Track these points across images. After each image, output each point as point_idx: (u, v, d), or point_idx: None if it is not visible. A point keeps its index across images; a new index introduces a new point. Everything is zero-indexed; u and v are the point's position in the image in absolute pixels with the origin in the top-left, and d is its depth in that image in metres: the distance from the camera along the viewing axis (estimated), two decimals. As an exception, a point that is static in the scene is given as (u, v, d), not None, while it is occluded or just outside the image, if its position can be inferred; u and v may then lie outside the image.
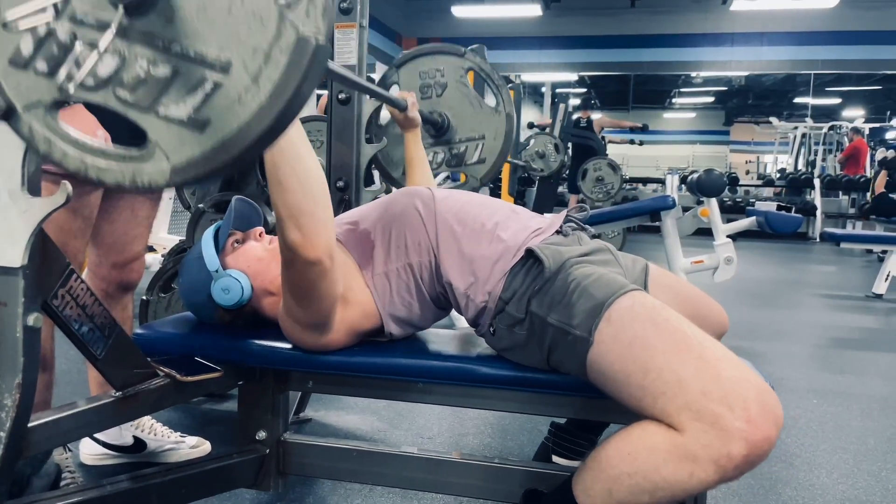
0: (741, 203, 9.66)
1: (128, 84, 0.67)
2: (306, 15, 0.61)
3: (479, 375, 1.21)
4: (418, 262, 1.24)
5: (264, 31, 0.62)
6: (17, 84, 0.71)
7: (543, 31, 11.58)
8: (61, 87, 0.69)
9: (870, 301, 4.84)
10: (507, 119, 2.03)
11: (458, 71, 2.04)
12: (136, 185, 0.68)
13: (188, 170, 0.66)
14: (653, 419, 0.97)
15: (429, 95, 2.05)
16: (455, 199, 1.30)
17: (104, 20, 0.67)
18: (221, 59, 0.64)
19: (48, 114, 0.71)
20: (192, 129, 0.66)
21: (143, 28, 0.66)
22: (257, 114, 0.63)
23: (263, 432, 1.36)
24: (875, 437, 2.17)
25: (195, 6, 0.64)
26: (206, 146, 0.65)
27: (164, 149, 0.67)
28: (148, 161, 0.68)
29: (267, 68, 0.63)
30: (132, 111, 0.68)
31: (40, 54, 0.70)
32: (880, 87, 15.74)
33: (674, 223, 3.80)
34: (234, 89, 0.64)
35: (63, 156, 0.71)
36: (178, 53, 0.65)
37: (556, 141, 6.32)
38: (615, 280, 1.10)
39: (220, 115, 0.65)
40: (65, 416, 1.04)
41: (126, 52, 0.67)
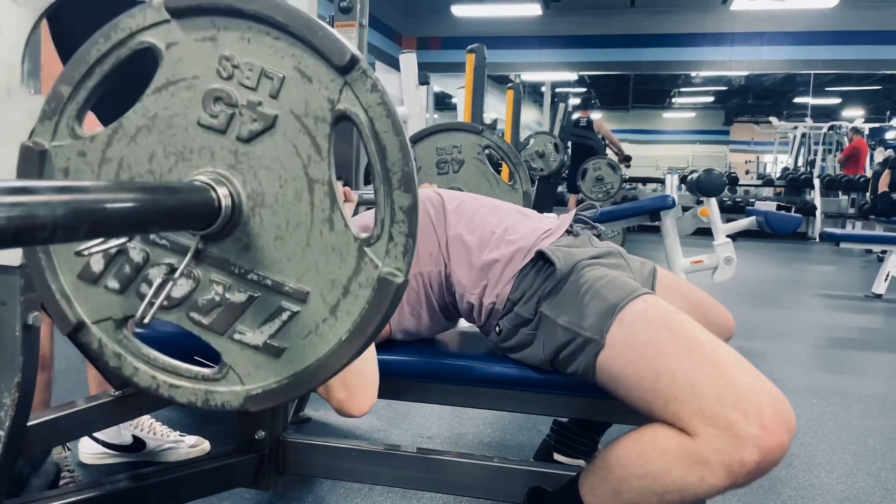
0: (741, 203, 9.66)
1: (202, 307, 0.67)
2: (386, 253, 0.62)
3: (478, 375, 1.21)
4: (428, 272, 1.24)
5: (343, 265, 0.63)
6: (87, 299, 0.71)
7: (543, 30, 11.59)
8: (136, 309, 0.68)
9: (869, 301, 4.84)
10: (525, 197, 2.07)
11: (475, 148, 2.07)
12: (209, 406, 0.68)
13: (263, 400, 0.66)
14: (664, 423, 0.97)
15: (445, 171, 2.09)
16: (466, 208, 1.29)
17: (178, 242, 0.67)
18: (299, 289, 0.64)
19: (118, 330, 0.71)
20: (268, 355, 0.66)
21: (218, 254, 0.66)
22: (336, 348, 0.63)
23: (262, 432, 1.36)
24: (874, 437, 2.17)
25: (272, 237, 0.64)
26: (281, 375, 0.65)
27: (239, 372, 0.67)
28: (221, 383, 0.68)
29: (345, 301, 0.63)
30: (206, 334, 0.68)
31: (111, 272, 0.70)
32: (880, 87, 15.75)
33: (673, 223, 3.80)
34: (311, 319, 0.64)
35: (134, 372, 0.71)
36: (254, 281, 0.65)
37: (555, 140, 6.31)
38: (627, 283, 1.10)
39: (298, 343, 0.65)
40: (64, 416, 1.04)
41: (201, 276, 0.67)
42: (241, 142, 0.64)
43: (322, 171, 0.63)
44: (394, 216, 0.61)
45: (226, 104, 0.65)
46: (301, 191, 0.63)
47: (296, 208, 0.63)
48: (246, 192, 0.64)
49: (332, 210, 0.63)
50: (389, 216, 0.61)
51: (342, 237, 0.62)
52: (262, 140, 0.64)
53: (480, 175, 2.07)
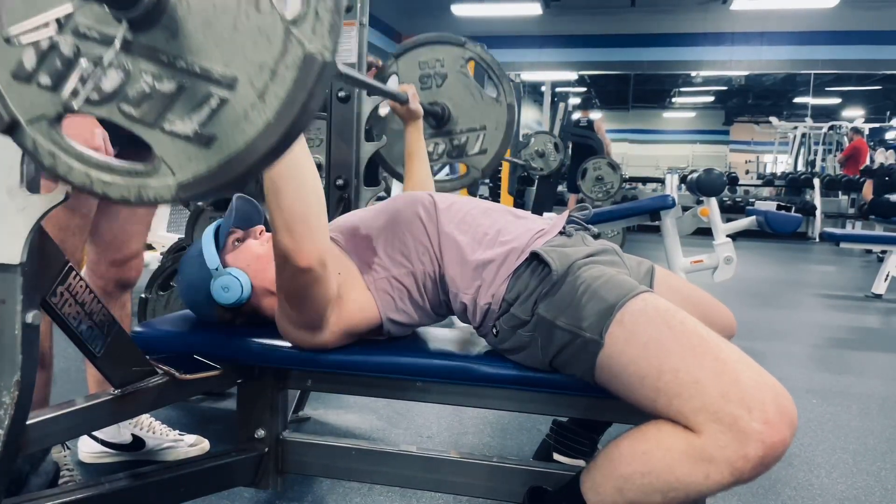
0: (741, 203, 9.66)
1: (133, 99, 0.67)
2: (312, 32, 0.61)
3: (478, 374, 1.21)
4: (422, 271, 1.24)
5: (270, 47, 0.62)
6: (21, 98, 0.71)
7: (543, 29, 11.58)
8: (65, 101, 0.69)
9: (869, 301, 4.84)
10: (509, 109, 2.01)
11: (458, 61, 2.02)
12: (142, 200, 0.68)
13: (194, 186, 0.66)
14: (667, 420, 0.97)
15: (429, 86, 2.04)
16: (457, 209, 1.29)
17: (108, 35, 0.67)
18: (227, 74, 0.64)
19: (52, 127, 0.71)
20: (198, 144, 0.65)
21: (147, 43, 0.66)
22: (264, 131, 0.63)
23: (262, 431, 1.35)
24: (874, 437, 2.17)
25: (200, 22, 0.64)
26: (212, 162, 0.65)
27: (170, 164, 0.67)
28: (153, 176, 0.67)
29: (273, 85, 0.62)
30: (137, 126, 0.67)
31: (43, 68, 0.69)
32: (880, 87, 15.75)
33: (673, 223, 3.80)
34: (240, 105, 0.63)
35: (68, 170, 0.71)
36: (183, 69, 0.65)
37: (555, 140, 6.31)
38: (625, 282, 1.10)
39: (227, 131, 0.64)
40: (63, 414, 1.04)
41: (130, 67, 0.67)
42: None
43: None
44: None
45: None
46: None
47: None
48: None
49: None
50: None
51: (268, 18, 0.62)
52: None
53: (464, 88, 2.03)
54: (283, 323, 1.21)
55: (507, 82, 2.04)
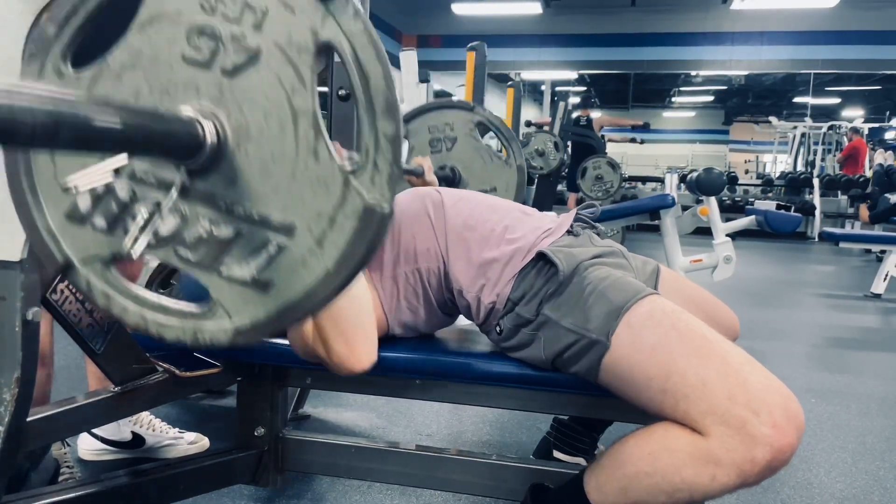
0: (740, 202, 9.66)
1: (190, 243, 0.67)
2: (371, 182, 0.61)
3: (478, 372, 1.21)
4: (427, 268, 1.23)
5: (328, 196, 0.62)
6: (74, 239, 0.71)
7: (543, 28, 11.58)
8: (123, 246, 0.68)
9: (868, 301, 4.84)
10: (518, 171, 2.05)
11: (467, 124, 2.06)
12: (198, 343, 0.68)
13: (252, 332, 0.66)
14: (674, 421, 0.97)
15: (439, 149, 2.07)
16: (465, 204, 1.28)
17: (164, 179, 0.67)
18: (285, 222, 0.64)
19: (106, 268, 0.71)
20: (256, 290, 0.65)
21: (205, 189, 0.66)
22: (323, 279, 0.63)
23: (262, 428, 1.36)
24: (873, 436, 2.17)
25: (258, 169, 0.64)
26: (270, 308, 0.65)
27: (227, 308, 0.67)
28: (210, 319, 0.67)
29: (332, 233, 0.62)
30: (194, 269, 0.68)
31: (98, 211, 0.69)
32: (880, 86, 15.76)
33: (673, 222, 3.80)
34: (298, 252, 0.63)
35: (122, 311, 0.71)
36: (241, 215, 0.65)
37: (555, 139, 6.31)
38: (631, 284, 1.10)
39: (285, 277, 0.64)
40: (63, 411, 1.04)
41: (188, 212, 0.67)
42: (226, 75, 0.64)
43: (306, 102, 0.62)
44: (378, 144, 0.60)
45: (209, 38, 0.64)
46: (285, 122, 0.63)
47: (280, 140, 0.63)
48: (231, 126, 0.64)
49: (316, 141, 0.62)
50: (374, 145, 0.61)
51: (327, 168, 0.62)
52: (246, 73, 0.64)
53: (474, 151, 2.05)
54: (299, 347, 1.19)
55: (516, 145, 2.08)
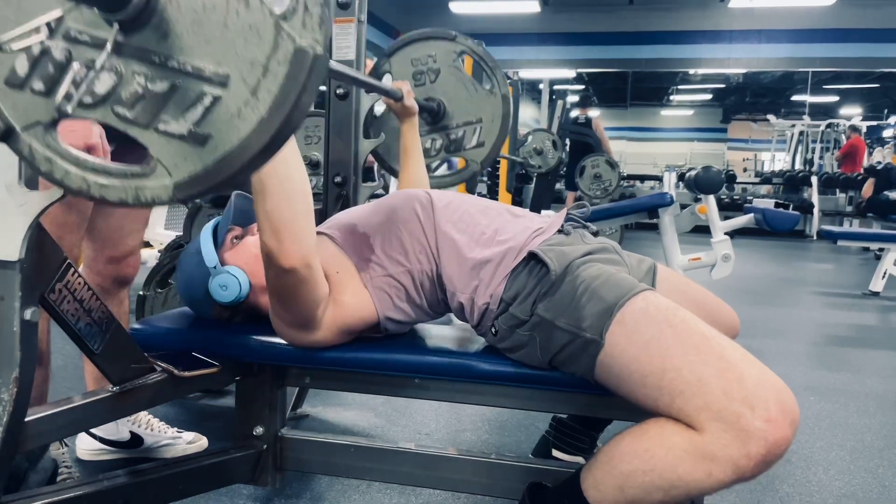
0: (738, 200, 9.66)
1: (126, 101, 0.67)
2: (303, 26, 0.61)
3: (476, 371, 1.21)
4: (419, 270, 1.23)
5: (261, 43, 0.62)
6: (15, 104, 0.71)
7: (541, 27, 11.57)
8: (59, 105, 0.69)
9: (866, 299, 4.85)
10: (504, 100, 2.01)
11: (450, 55, 2.02)
12: (140, 202, 0.68)
13: (190, 185, 0.66)
14: (669, 418, 0.97)
15: (422, 82, 2.04)
16: (455, 207, 1.28)
17: (99, 38, 0.67)
18: (219, 72, 0.64)
19: (47, 133, 0.71)
20: (193, 144, 0.66)
21: (138, 44, 0.66)
22: (258, 127, 0.63)
23: (261, 428, 1.35)
24: (872, 434, 2.17)
25: (190, 21, 0.64)
26: (207, 161, 0.65)
27: (166, 164, 0.67)
28: (150, 177, 0.67)
29: (266, 81, 0.62)
30: (132, 128, 0.68)
31: (36, 74, 0.70)
32: (878, 84, 15.76)
33: (671, 220, 3.80)
34: (233, 103, 0.64)
35: (65, 174, 0.71)
36: (175, 69, 0.65)
37: (553, 138, 6.31)
38: (624, 281, 1.10)
39: (221, 129, 0.64)
40: (61, 411, 1.03)
41: (123, 69, 0.67)
42: None
43: None
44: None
45: None
46: None
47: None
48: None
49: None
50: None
51: (258, 14, 0.62)
52: None
53: (458, 82, 2.03)
54: (275, 321, 1.21)
55: (500, 73, 2.03)
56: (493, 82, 2.03)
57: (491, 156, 2.05)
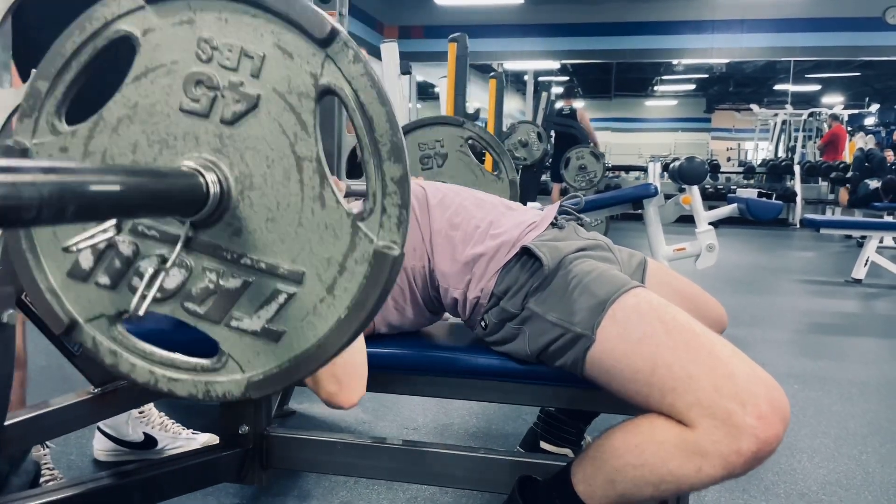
0: (722, 190, 9.72)
1: (196, 296, 0.66)
2: (380, 226, 0.60)
3: (463, 366, 1.21)
4: (412, 267, 1.23)
5: (338, 242, 0.61)
6: (78, 297, 0.70)
7: (525, 18, 11.55)
8: (129, 302, 0.67)
9: (849, 286, 4.90)
10: (511, 185, 2.05)
11: (457, 140, 2.05)
12: (211, 398, 0.67)
13: (266, 384, 0.65)
14: (660, 413, 0.97)
15: (429, 166, 2.07)
16: (449, 201, 1.28)
17: (168, 233, 0.66)
18: (294, 270, 0.63)
19: (112, 325, 0.70)
20: (267, 340, 0.64)
21: (209, 240, 0.65)
22: (335, 326, 0.62)
23: (246, 426, 1.34)
24: (855, 422, 2.19)
25: (263, 219, 0.63)
26: (282, 359, 0.64)
27: (238, 360, 0.65)
28: (221, 373, 0.66)
29: (342, 279, 0.61)
30: (202, 323, 0.66)
31: (101, 267, 0.68)
32: (859, 73, 15.89)
33: (656, 211, 3.81)
34: (308, 300, 0.62)
35: (131, 368, 0.69)
36: (247, 266, 0.64)
37: (538, 129, 6.31)
38: (616, 277, 1.10)
39: (296, 326, 0.63)
40: (41, 414, 1.02)
41: (193, 265, 0.65)
42: (226, 124, 0.63)
43: (310, 148, 0.62)
44: (385, 188, 0.60)
45: (207, 87, 0.63)
46: (289, 170, 0.62)
47: (285, 188, 0.62)
48: (234, 176, 0.63)
49: (322, 187, 0.61)
50: (381, 188, 0.60)
51: (335, 214, 0.61)
52: (246, 121, 0.63)
53: (465, 167, 2.05)
54: None
55: (507, 159, 2.07)
56: (500, 167, 2.05)
57: None
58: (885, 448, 1.98)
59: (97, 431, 1.75)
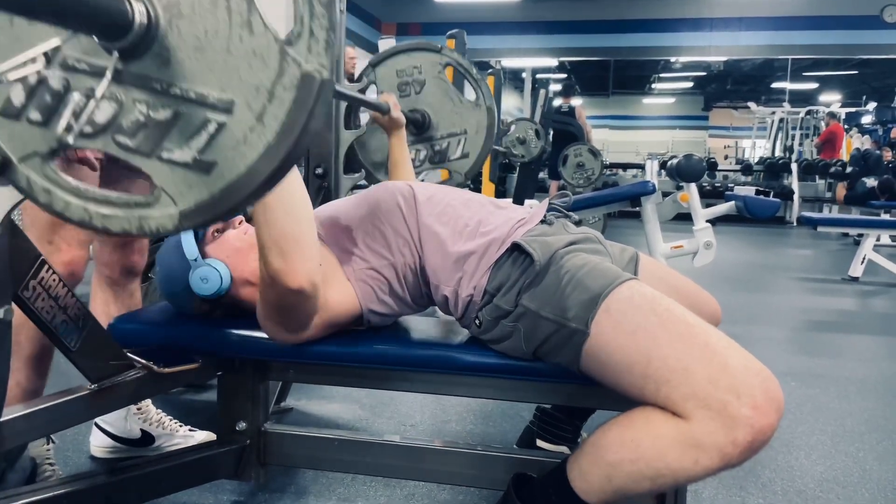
0: (720, 188, 9.73)
1: (128, 129, 0.65)
2: (308, 51, 0.60)
3: (460, 363, 1.21)
4: (402, 263, 1.23)
5: (266, 69, 0.61)
6: (11, 135, 0.69)
7: (523, 16, 11.54)
8: (59, 137, 0.67)
9: (846, 284, 4.90)
10: (489, 113, 2.02)
11: (435, 67, 2.02)
12: (144, 232, 0.67)
13: (197, 214, 0.65)
14: (655, 406, 0.97)
15: (407, 93, 2.04)
16: (437, 200, 1.28)
17: (98, 66, 0.65)
18: (223, 98, 0.62)
19: (45, 164, 0.69)
20: (198, 171, 0.64)
21: (139, 72, 0.64)
22: (265, 153, 0.62)
23: (244, 423, 1.34)
24: (852, 419, 2.20)
25: (192, 47, 0.62)
26: (214, 189, 0.64)
27: (171, 193, 0.65)
28: (154, 206, 0.66)
29: (271, 106, 0.61)
30: (134, 157, 0.66)
31: (33, 104, 0.68)
32: (856, 71, 15.90)
33: (654, 208, 3.81)
34: (238, 129, 0.62)
35: (65, 206, 0.69)
36: (177, 96, 0.63)
37: (536, 127, 6.31)
38: (609, 270, 1.10)
39: (227, 156, 0.63)
40: (37, 410, 1.02)
41: (123, 97, 0.65)
42: None
43: None
44: (312, 10, 0.59)
45: None
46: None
47: (213, 15, 0.62)
48: (161, 4, 0.63)
49: (249, 13, 0.61)
50: (308, 11, 0.59)
51: (262, 40, 0.61)
52: None
53: (443, 94, 2.03)
54: (265, 323, 1.18)
55: (485, 86, 2.05)
56: (478, 94, 2.03)
57: (475, 167, 2.07)
58: (882, 445, 1.99)
59: (94, 428, 1.75)
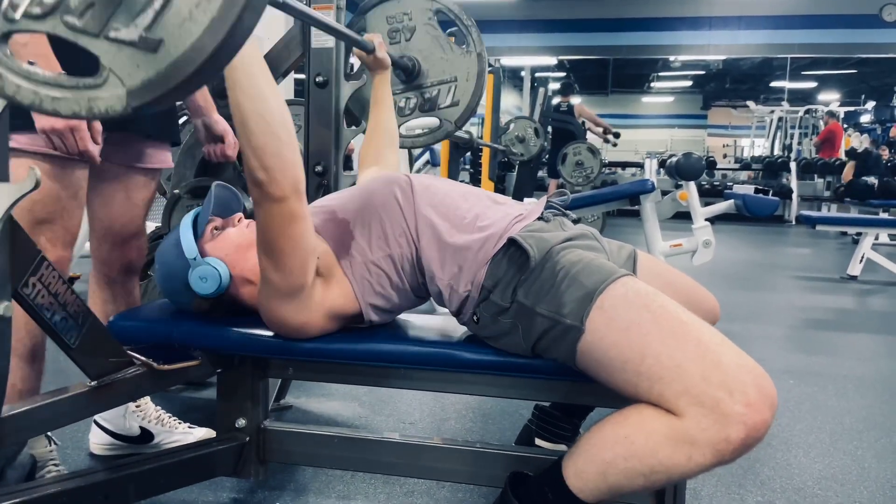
0: (719, 187, 9.73)
1: (75, 9, 0.65)
2: None
3: (459, 360, 1.21)
4: (399, 254, 1.23)
5: None
6: None
7: (522, 14, 11.53)
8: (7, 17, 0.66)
9: (844, 283, 4.91)
10: (479, 59, 1.97)
11: (425, 13, 1.98)
12: (94, 113, 0.66)
13: (144, 92, 0.64)
14: (648, 403, 0.97)
15: (397, 40, 1.99)
16: (434, 192, 1.28)
17: None
18: None
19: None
20: (145, 50, 0.63)
21: None
22: (209, 27, 0.61)
23: (243, 420, 1.34)
24: (851, 417, 2.20)
25: None
26: (160, 66, 0.63)
27: (119, 73, 0.65)
28: (103, 87, 0.65)
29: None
30: (82, 37, 0.65)
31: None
32: (855, 70, 15.91)
33: (653, 207, 3.82)
34: (184, 5, 0.62)
35: (16, 89, 0.68)
36: None
37: (535, 125, 6.31)
38: (604, 266, 1.10)
39: (173, 33, 0.62)
40: (37, 407, 1.02)
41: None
42: None
43: None
44: None
45: None
46: None
47: None
48: None
49: None
50: None
51: None
52: None
53: (433, 41, 1.99)
54: (266, 301, 1.18)
55: (475, 32, 2.00)
56: (468, 40, 1.99)
57: (465, 115, 2.00)
58: (881, 443, 1.99)
59: (93, 425, 1.75)
